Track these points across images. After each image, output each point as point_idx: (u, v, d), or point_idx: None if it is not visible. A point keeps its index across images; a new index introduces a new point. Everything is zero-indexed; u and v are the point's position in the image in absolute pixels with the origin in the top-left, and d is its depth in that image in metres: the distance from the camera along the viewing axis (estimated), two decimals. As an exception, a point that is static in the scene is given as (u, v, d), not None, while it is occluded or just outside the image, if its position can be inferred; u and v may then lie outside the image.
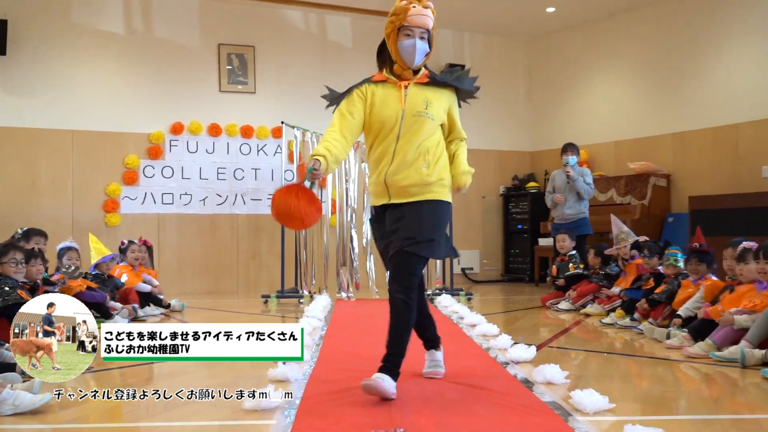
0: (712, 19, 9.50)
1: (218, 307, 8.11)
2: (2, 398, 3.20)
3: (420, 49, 3.59)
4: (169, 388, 3.93)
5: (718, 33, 9.44)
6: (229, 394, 3.15)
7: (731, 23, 9.27)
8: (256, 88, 10.41)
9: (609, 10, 10.61)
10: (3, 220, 8.83)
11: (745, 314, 4.56)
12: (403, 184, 3.60)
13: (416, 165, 3.60)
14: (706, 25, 9.59)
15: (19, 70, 9.18)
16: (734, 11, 9.25)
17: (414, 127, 3.61)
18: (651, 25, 10.33)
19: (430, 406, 3.21)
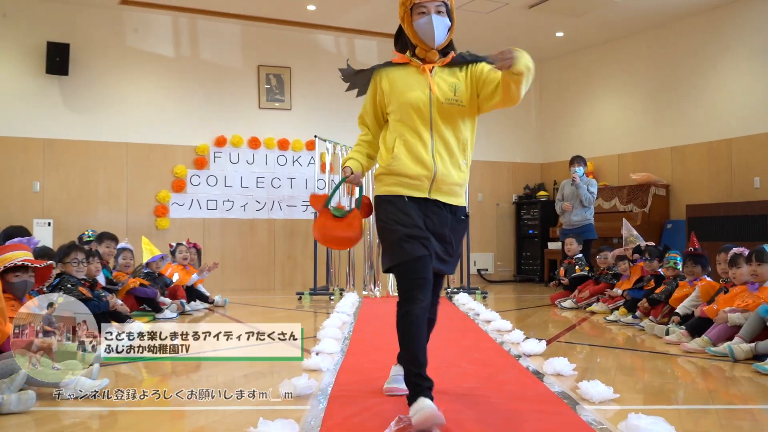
0: (707, 42, 9.43)
1: (257, 303, 8.14)
2: (65, 383, 3.24)
3: (439, 24, 2.92)
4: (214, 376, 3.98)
5: (712, 55, 9.37)
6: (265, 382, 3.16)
7: (724, 46, 9.20)
8: (292, 105, 10.45)
9: (612, 35, 10.56)
10: (64, 225, 8.94)
11: (738, 313, 4.54)
12: (449, 181, 2.97)
13: (457, 159, 3.00)
14: (700, 48, 9.53)
15: (80, 89, 9.29)
16: (727, 35, 9.17)
17: (446, 116, 2.97)
18: (650, 48, 10.27)
19: (448, 394, 3.21)
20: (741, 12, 9.02)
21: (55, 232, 8.83)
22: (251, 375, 3.89)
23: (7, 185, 8.89)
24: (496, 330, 5.41)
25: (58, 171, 9.14)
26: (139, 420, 2.95)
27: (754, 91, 8.83)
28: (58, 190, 9.13)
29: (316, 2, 9.30)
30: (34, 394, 3.03)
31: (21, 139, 8.98)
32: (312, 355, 4.15)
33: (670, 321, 5.37)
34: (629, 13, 9.59)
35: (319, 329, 5.29)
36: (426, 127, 2.94)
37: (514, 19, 9.78)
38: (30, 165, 9.01)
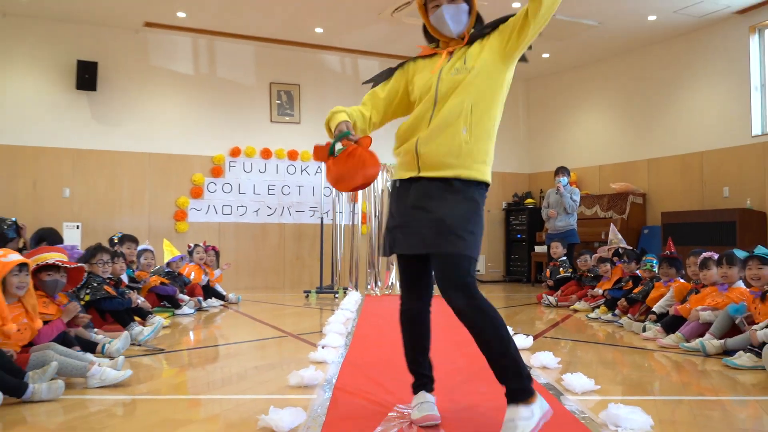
0: (677, 65, 9.44)
1: (268, 300, 8.14)
2: (92, 374, 3.24)
3: (451, 13, 2.49)
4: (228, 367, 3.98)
5: (682, 76, 9.38)
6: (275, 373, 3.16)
7: (693, 68, 9.21)
8: (301, 119, 10.46)
9: (593, 57, 10.58)
10: (91, 228, 8.95)
11: (709, 311, 4.54)
12: (436, 152, 2.44)
13: (454, 128, 2.43)
14: (672, 70, 9.54)
15: (107, 104, 9.30)
16: (695, 59, 9.18)
17: (453, 87, 2.46)
18: (627, 69, 10.29)
19: (444, 386, 3.19)
20: (706, 39, 9.05)
21: (84, 234, 8.84)
22: (262, 367, 3.88)
23: (39, 191, 8.90)
24: (487, 326, 5.39)
25: (86, 178, 9.15)
26: (159, 407, 2.95)
27: (722, 108, 8.84)
28: (86, 196, 9.14)
29: (324, 25, 9.32)
30: (62, 384, 3.03)
31: (53, 149, 8.98)
32: (318, 348, 4.14)
33: (646, 319, 5.37)
34: (607, 39, 9.61)
35: (325, 325, 5.29)
36: (431, 104, 2.50)
37: (504, 41, 9.78)
38: (61, 173, 9.02)
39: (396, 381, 3.27)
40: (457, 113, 2.42)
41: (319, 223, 9.25)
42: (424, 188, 2.47)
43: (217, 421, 2.71)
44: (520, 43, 2.44)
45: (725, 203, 8.63)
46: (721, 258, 4.75)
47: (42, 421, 2.74)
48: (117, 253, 5.65)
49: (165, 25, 9.29)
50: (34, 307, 3.48)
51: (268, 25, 9.35)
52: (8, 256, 3.41)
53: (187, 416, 2.81)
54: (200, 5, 8.51)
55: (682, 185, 9.33)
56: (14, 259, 3.39)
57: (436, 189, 2.44)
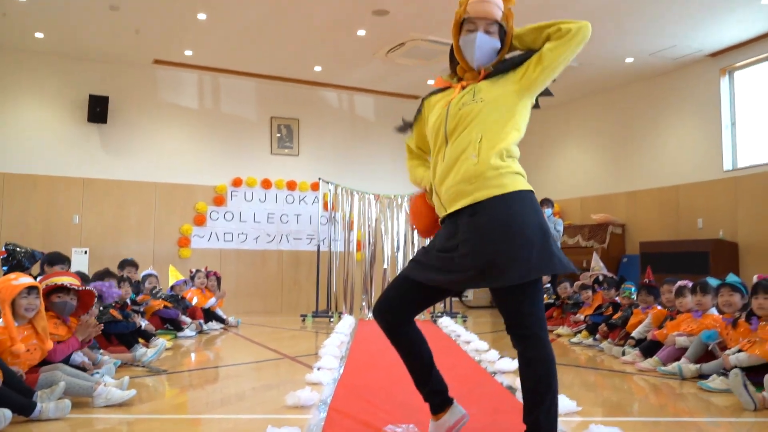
0: (653, 103, 9.55)
1: (266, 324, 8.10)
2: (98, 393, 3.22)
3: (481, 44, 2.33)
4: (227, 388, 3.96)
5: (658, 114, 9.49)
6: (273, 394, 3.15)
7: (671, 106, 9.32)
8: (300, 152, 10.51)
9: (575, 95, 10.69)
10: (99, 253, 8.92)
11: (684, 336, 4.55)
12: (450, 183, 2.29)
13: (464, 156, 2.27)
14: (648, 108, 9.65)
15: (117, 136, 9.33)
16: (670, 97, 9.30)
17: (462, 122, 2.32)
18: (608, 107, 10.39)
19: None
20: (680, 80, 9.16)
21: (91, 259, 8.80)
22: (260, 388, 3.86)
23: (51, 218, 8.88)
24: (474, 350, 5.39)
25: (95, 206, 9.15)
26: (162, 426, 2.93)
27: (695, 145, 8.94)
28: (94, 223, 9.13)
29: (322, 64, 9.41)
30: (69, 403, 3.01)
31: (64, 178, 8.99)
32: (314, 370, 4.13)
33: (626, 343, 5.37)
34: (588, 79, 9.72)
35: (320, 347, 5.27)
36: (443, 142, 2.37)
37: (491, 80, 9.89)
38: (71, 200, 9.01)
39: (388, 402, 3.26)
40: (465, 144, 2.29)
41: (316, 250, 9.24)
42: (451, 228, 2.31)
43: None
44: (536, 81, 2.34)
45: (699, 234, 8.68)
46: (695, 286, 4.78)
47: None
48: (123, 277, 5.64)
49: (173, 62, 9.38)
50: (45, 329, 3.47)
51: (269, 63, 9.44)
52: (19, 279, 3.42)
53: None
54: (206, 44, 8.60)
55: (659, 217, 9.39)
56: (24, 282, 3.40)
57: (464, 224, 2.26)
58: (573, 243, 10.15)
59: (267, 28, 7.96)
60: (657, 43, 8.23)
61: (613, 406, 3.43)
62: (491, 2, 2.33)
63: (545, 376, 2.19)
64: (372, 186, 9.53)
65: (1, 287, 3.35)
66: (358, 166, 10.61)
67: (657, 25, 7.65)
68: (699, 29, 7.76)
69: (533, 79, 2.31)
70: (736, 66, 8.55)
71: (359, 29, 7.94)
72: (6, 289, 3.34)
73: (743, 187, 8.26)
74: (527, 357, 2.22)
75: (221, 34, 8.18)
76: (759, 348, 3.73)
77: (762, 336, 3.79)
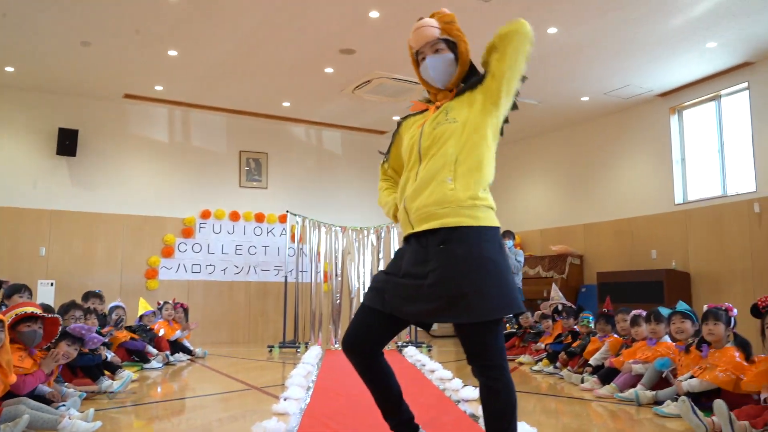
0: (608, 139, 9.79)
1: (233, 354, 7.98)
2: (62, 426, 3.14)
3: (433, 65, 2.38)
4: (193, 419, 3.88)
5: (613, 150, 9.72)
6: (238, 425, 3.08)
7: (624, 143, 9.56)
8: (268, 185, 10.49)
9: (535, 131, 10.90)
10: (66, 285, 8.72)
11: (640, 364, 4.61)
12: (422, 203, 2.27)
13: (439, 178, 2.26)
14: (604, 144, 9.88)
15: (86, 168, 9.21)
16: (624, 134, 9.55)
17: (436, 141, 2.31)
18: (565, 142, 10.61)
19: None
20: (632, 118, 9.43)
21: (57, 291, 8.60)
22: (226, 419, 3.80)
23: (17, 249, 8.68)
24: (439, 378, 5.37)
25: (63, 238, 8.97)
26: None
27: (648, 179, 9.16)
28: (61, 255, 8.94)
29: (291, 99, 9.47)
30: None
31: (32, 210, 8.82)
32: (281, 400, 4.08)
33: (584, 371, 5.42)
34: (546, 116, 9.94)
35: (287, 378, 5.21)
36: (416, 160, 2.37)
37: (454, 117, 10.03)
38: (38, 232, 8.83)
39: (354, 429, 3.24)
40: (441, 164, 2.27)
41: (284, 281, 9.18)
42: (416, 251, 2.28)
43: (182, 472, 2.64)
44: (496, 96, 2.31)
45: (653, 264, 8.85)
46: (649, 315, 4.87)
47: (11, 473, 2.63)
48: (89, 309, 5.52)
49: (143, 96, 9.33)
50: (9, 363, 3.37)
51: (239, 99, 9.46)
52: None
53: (153, 467, 2.74)
54: (176, 79, 8.59)
55: (615, 248, 9.56)
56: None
57: (429, 249, 2.23)
58: (534, 273, 10.25)
59: (237, 64, 8.00)
60: (610, 83, 8.48)
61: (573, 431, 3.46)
62: (423, 26, 2.37)
63: (508, 405, 2.22)
64: (339, 218, 9.54)
65: (-35, 321, 3.25)
66: (326, 198, 10.63)
67: (610, 66, 7.90)
68: (650, 71, 8.02)
69: (493, 89, 2.31)
70: (685, 105, 8.84)
71: (327, 67, 8.03)
72: (-31, 323, 3.24)
73: (693, 220, 8.48)
74: (490, 387, 2.23)
75: (191, 70, 8.19)
76: (709, 374, 3.81)
77: (712, 362, 3.88)
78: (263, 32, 7.04)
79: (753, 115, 7.85)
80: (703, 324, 4.03)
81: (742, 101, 8.11)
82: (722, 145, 8.43)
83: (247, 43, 7.34)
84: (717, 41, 7.16)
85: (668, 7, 6.35)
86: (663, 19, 6.61)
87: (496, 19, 6.53)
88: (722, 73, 8.12)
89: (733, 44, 7.25)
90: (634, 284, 8.49)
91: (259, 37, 7.16)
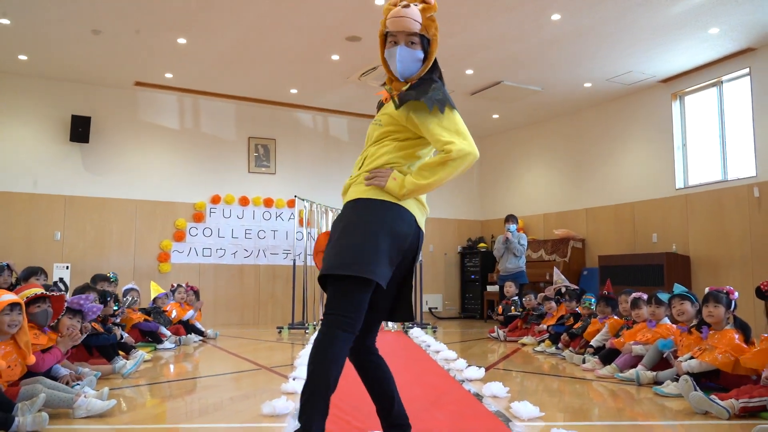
0: (610, 125, 9.73)
1: (243, 336, 8.02)
2: (78, 404, 3.16)
3: (404, 56, 2.33)
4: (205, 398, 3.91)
5: (615, 136, 9.67)
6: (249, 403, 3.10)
7: (626, 128, 9.50)
8: (276, 170, 10.49)
9: (538, 118, 10.85)
10: (80, 268, 8.78)
11: (640, 345, 4.61)
12: (347, 187, 2.42)
13: (354, 172, 2.42)
14: (608, 129, 9.82)
15: (99, 155, 9.23)
16: (626, 120, 9.48)
17: (370, 136, 2.46)
18: (568, 128, 10.56)
19: (404, 413, 3.19)
20: (634, 104, 9.36)
21: (72, 274, 8.66)
22: (237, 397, 3.82)
23: (33, 234, 8.73)
24: (443, 359, 5.40)
25: (77, 223, 9.01)
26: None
27: (649, 165, 9.11)
28: (76, 239, 8.98)
29: (298, 86, 9.43)
30: (47, 416, 2.94)
31: (46, 196, 8.85)
32: (289, 380, 4.10)
33: (585, 351, 5.43)
34: (549, 102, 9.88)
35: (296, 358, 5.24)
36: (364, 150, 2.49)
37: (458, 103, 9.90)
38: (53, 217, 8.87)
39: (358, 411, 3.25)
40: (367, 160, 2.38)
41: (292, 264, 9.20)
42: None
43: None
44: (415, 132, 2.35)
45: (654, 248, 8.82)
46: (650, 298, 4.87)
47: (29, 450, 2.66)
48: (105, 292, 5.55)
49: (153, 84, 9.31)
50: (27, 344, 3.39)
51: (247, 86, 9.43)
52: (2, 296, 3.34)
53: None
54: (186, 67, 8.57)
55: (616, 232, 9.53)
56: (5, 299, 3.33)
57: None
58: (537, 257, 10.25)
59: (245, 52, 7.96)
60: (613, 69, 8.40)
61: (575, 411, 3.46)
62: (407, 17, 2.29)
63: (315, 353, 2.19)
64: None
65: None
66: (332, 183, 10.62)
67: (613, 52, 7.82)
68: (652, 57, 7.94)
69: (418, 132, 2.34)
70: (686, 91, 8.76)
71: (333, 54, 7.98)
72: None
73: (694, 204, 8.43)
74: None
75: (200, 57, 8.16)
76: (708, 355, 3.80)
77: (711, 344, 3.87)
78: (271, 20, 7.00)
79: (754, 101, 7.78)
80: (704, 306, 4.02)
81: (744, 87, 8.03)
82: (723, 130, 8.36)
83: (255, 31, 7.30)
84: (719, 27, 7.08)
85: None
86: (665, 4, 6.53)
87: (501, 5, 6.47)
88: (724, 59, 8.03)
89: (735, 30, 7.17)
90: (635, 267, 8.48)
91: (266, 24, 7.12)
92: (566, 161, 10.60)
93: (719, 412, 3.19)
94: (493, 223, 11.86)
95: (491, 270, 10.85)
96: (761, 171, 7.65)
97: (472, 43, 7.47)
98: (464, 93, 9.45)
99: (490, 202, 12.16)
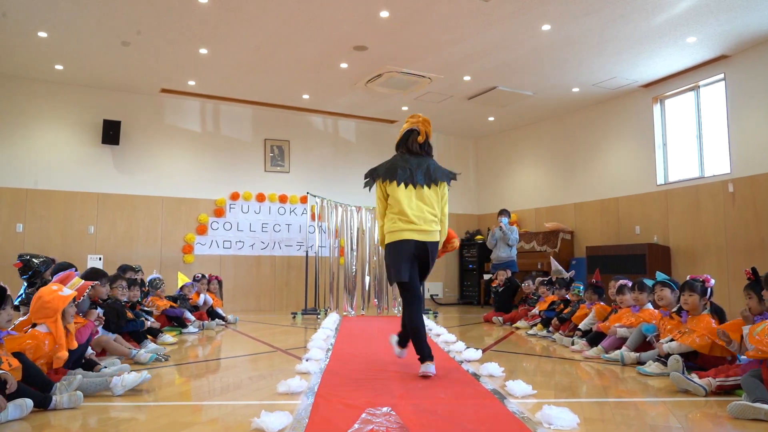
0: (596, 126, 9.69)
1: (261, 320, 8.04)
2: (114, 384, 3.17)
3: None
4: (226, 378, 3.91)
5: (601, 136, 9.62)
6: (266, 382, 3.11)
7: (611, 129, 9.45)
8: (290, 169, 10.48)
9: (530, 120, 10.80)
10: (112, 259, 8.80)
11: (624, 328, 4.59)
12: None
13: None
14: (592, 131, 9.78)
15: (128, 156, 9.24)
16: (610, 122, 9.44)
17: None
18: (558, 129, 10.52)
19: (408, 393, 3.19)
20: (618, 107, 9.31)
21: (105, 264, 8.68)
22: (255, 377, 3.83)
23: (68, 228, 8.75)
24: (444, 341, 5.40)
25: (108, 218, 9.03)
26: (166, 412, 2.88)
27: (632, 163, 9.07)
28: (107, 233, 9.00)
29: (310, 92, 9.41)
30: (81, 394, 2.95)
31: (80, 194, 8.87)
32: (303, 361, 4.10)
33: (574, 335, 5.41)
34: (540, 105, 9.84)
35: (309, 341, 5.24)
36: None
37: (457, 107, 9.96)
38: (87, 213, 8.89)
39: (368, 388, 3.25)
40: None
41: (305, 255, 9.20)
42: None
43: (216, 424, 2.66)
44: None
45: (637, 239, 8.79)
46: (633, 285, 4.85)
47: (63, 424, 2.66)
48: (133, 281, 5.56)
49: (178, 91, 9.31)
50: (73, 329, 3.41)
51: (263, 92, 9.41)
52: (63, 290, 3.35)
53: (190, 420, 2.76)
54: (207, 75, 8.56)
55: (602, 224, 9.50)
56: (69, 293, 3.36)
57: None
58: (529, 248, 10.22)
59: (261, 61, 7.94)
60: (599, 75, 8.35)
61: (564, 388, 3.45)
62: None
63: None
64: (353, 199, 9.52)
65: (53, 298, 3.28)
66: (342, 181, 10.60)
67: (599, 60, 7.77)
68: (634, 64, 7.89)
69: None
70: (666, 95, 8.70)
71: (342, 62, 7.96)
72: (57, 300, 3.28)
73: (674, 199, 8.39)
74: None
75: (221, 66, 8.15)
76: (687, 338, 3.78)
77: (690, 327, 3.85)
78: (284, 32, 6.98)
79: (728, 104, 7.72)
80: (681, 294, 4.00)
81: (719, 91, 7.97)
82: (700, 131, 8.31)
83: (270, 42, 7.28)
84: (696, 36, 7.02)
85: (651, 5, 6.23)
86: (646, 16, 6.49)
87: (495, 17, 6.43)
88: (701, 66, 7.98)
89: (711, 39, 7.11)
90: (620, 257, 8.45)
91: (280, 36, 7.10)
92: (556, 160, 10.56)
93: (697, 389, 3.18)
94: (488, 216, 11.83)
95: (488, 260, 10.82)
96: (735, 168, 7.60)
97: (470, 51, 7.44)
98: (462, 98, 9.42)
99: (486, 197, 12.13)
